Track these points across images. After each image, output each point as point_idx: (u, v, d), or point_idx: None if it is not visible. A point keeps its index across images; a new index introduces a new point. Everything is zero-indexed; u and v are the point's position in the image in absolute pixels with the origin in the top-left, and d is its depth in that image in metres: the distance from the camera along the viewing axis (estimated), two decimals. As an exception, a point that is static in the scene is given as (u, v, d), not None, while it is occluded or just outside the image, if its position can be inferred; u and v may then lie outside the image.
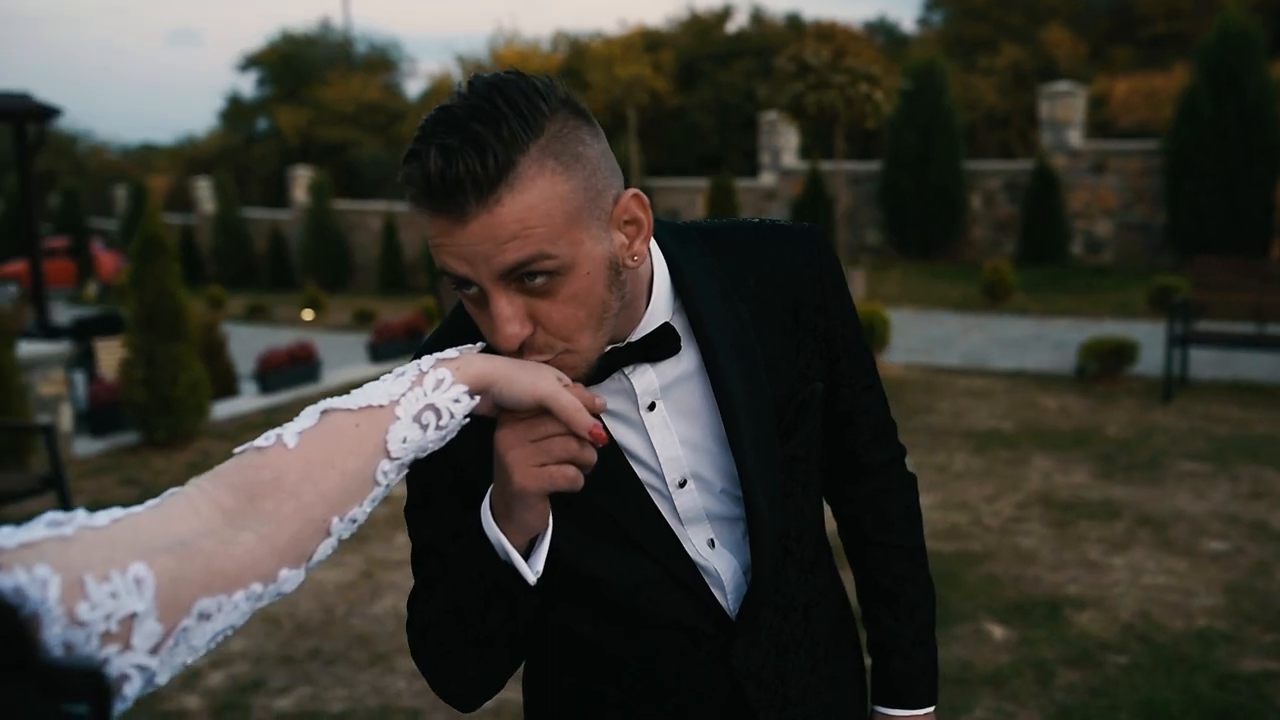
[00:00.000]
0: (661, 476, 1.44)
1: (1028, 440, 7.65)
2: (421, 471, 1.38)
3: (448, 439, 1.17)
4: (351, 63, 32.72)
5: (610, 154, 1.25)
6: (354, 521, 1.13)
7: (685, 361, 1.42)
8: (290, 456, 1.11)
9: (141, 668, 0.99)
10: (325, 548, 1.12)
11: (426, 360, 1.18)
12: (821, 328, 1.50)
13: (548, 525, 1.27)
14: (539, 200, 1.15)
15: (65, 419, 7.79)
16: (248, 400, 9.88)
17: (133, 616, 0.97)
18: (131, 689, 0.99)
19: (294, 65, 31.84)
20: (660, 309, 1.39)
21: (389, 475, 1.15)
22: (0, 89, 14.88)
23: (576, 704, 1.58)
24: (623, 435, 1.42)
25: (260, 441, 1.11)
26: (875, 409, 1.64)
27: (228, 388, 10.19)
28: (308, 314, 18.34)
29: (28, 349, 7.53)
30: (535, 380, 1.17)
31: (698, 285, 1.43)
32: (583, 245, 1.19)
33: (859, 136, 19.51)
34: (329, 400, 1.15)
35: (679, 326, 1.41)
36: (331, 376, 10.95)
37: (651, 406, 1.42)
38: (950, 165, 18.29)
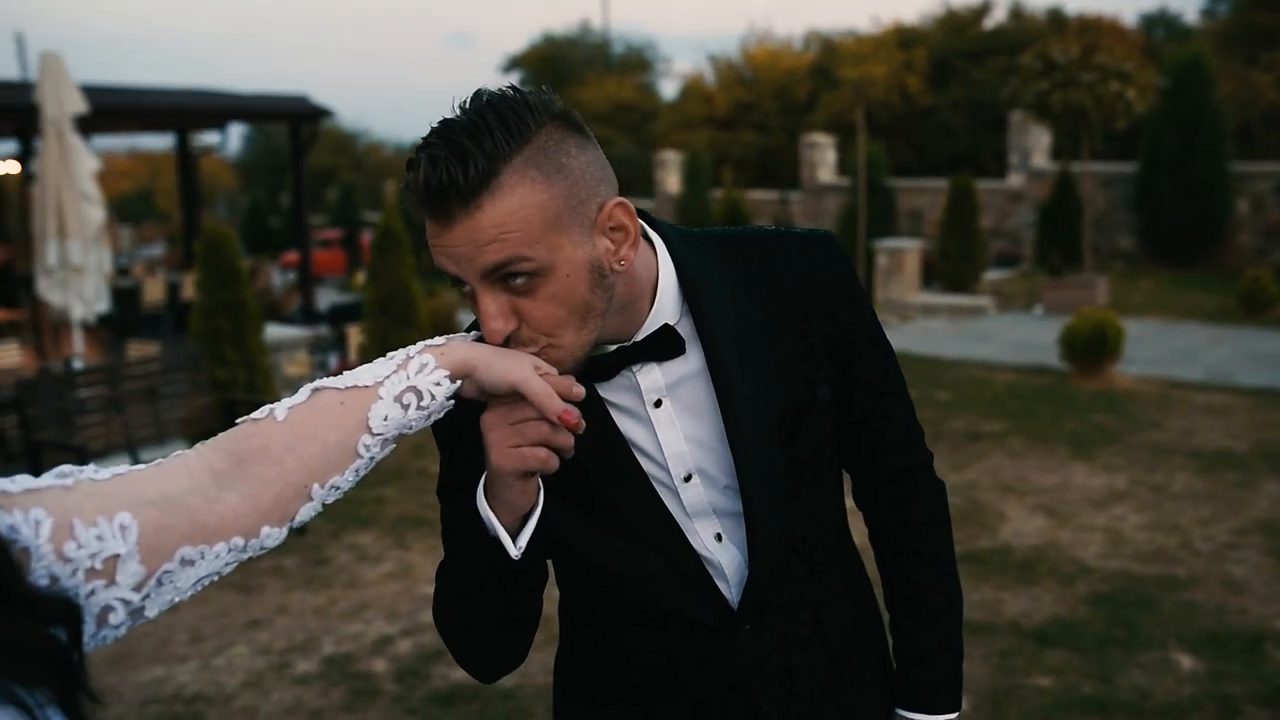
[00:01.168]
0: (668, 471, 1.50)
1: (1260, 463, 7.17)
2: (451, 456, 1.52)
3: (432, 418, 1.28)
4: (608, 63, 33.55)
5: (601, 164, 1.32)
6: (336, 489, 1.25)
7: (691, 361, 1.48)
8: (278, 428, 1.23)
9: (125, 601, 1.13)
10: (307, 510, 1.24)
11: (415, 346, 1.28)
12: (831, 334, 1.54)
13: (536, 505, 1.36)
14: (517, 207, 1.25)
15: (306, 399, 8.42)
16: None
17: (116, 557, 1.11)
18: (116, 618, 1.13)
19: (553, 66, 32.94)
20: (665, 311, 1.46)
21: (371, 449, 1.25)
22: (280, 91, 16.01)
23: (593, 693, 1.65)
24: (631, 430, 1.49)
25: (255, 414, 1.24)
26: (896, 415, 1.65)
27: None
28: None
29: (275, 332, 8.19)
30: (511, 367, 1.27)
31: (706, 290, 1.48)
32: (562, 250, 1.28)
33: (1118, 137, 18.57)
34: (321, 380, 1.27)
35: (686, 329, 1.47)
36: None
37: (658, 404, 1.49)
38: (1215, 166, 17.15)
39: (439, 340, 1.31)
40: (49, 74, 10.91)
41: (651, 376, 1.48)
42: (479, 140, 1.23)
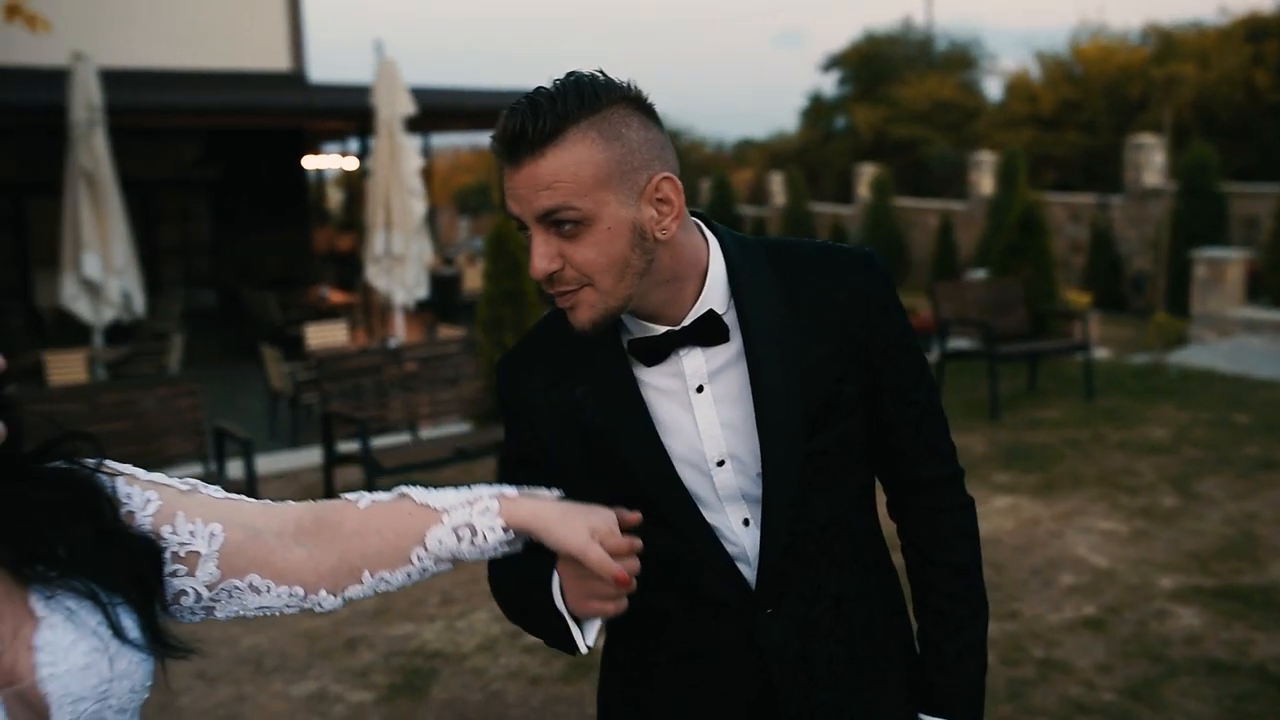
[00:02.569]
0: (703, 455, 1.62)
1: None
2: (517, 430, 1.74)
3: (486, 555, 1.49)
4: (930, 61, 32.81)
5: (660, 144, 1.52)
6: (385, 582, 1.48)
7: (732, 350, 1.62)
8: (356, 513, 1.48)
9: (197, 593, 1.41)
10: (356, 590, 1.48)
11: (490, 490, 1.49)
12: (863, 340, 1.64)
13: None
14: (573, 162, 1.46)
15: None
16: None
17: (198, 554, 1.40)
18: (187, 601, 1.42)
19: (873, 64, 32.53)
20: (713, 298, 1.61)
21: (423, 560, 1.48)
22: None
23: (629, 670, 1.78)
24: (671, 413, 1.63)
25: (350, 495, 1.51)
26: (926, 425, 1.73)
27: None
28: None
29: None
30: (568, 535, 1.44)
31: (751, 286, 1.62)
32: (607, 205, 1.48)
33: None
34: (409, 489, 1.50)
35: (730, 319, 1.61)
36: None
37: (700, 389, 1.62)
38: None
39: (512, 491, 1.49)
40: (384, 79, 11.92)
41: (695, 362, 1.62)
42: (554, 103, 1.46)
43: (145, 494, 1.40)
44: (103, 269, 10.65)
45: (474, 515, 1.47)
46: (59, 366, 9.98)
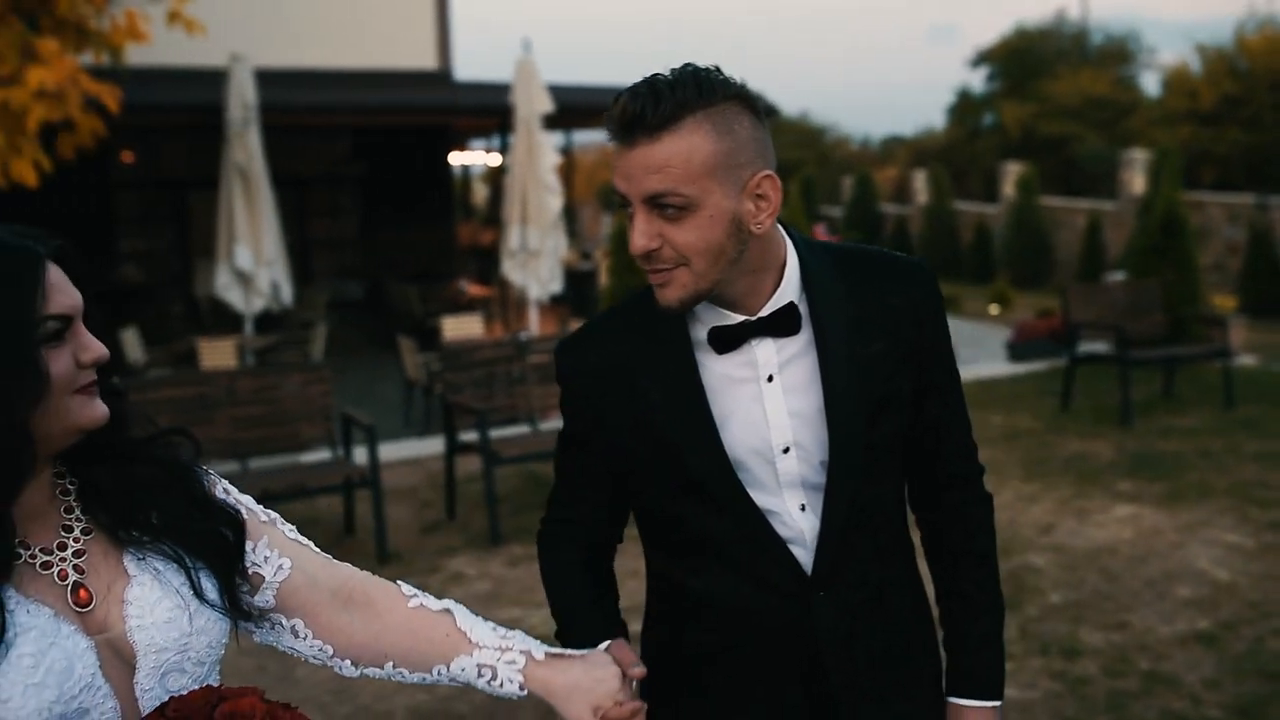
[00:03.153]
0: (769, 442, 1.71)
1: None
2: (575, 411, 1.83)
3: (499, 697, 1.62)
4: (1084, 55, 31.86)
5: (764, 144, 1.61)
6: (402, 675, 1.62)
7: (801, 342, 1.71)
8: (402, 610, 1.62)
9: (257, 610, 1.56)
10: (375, 671, 1.63)
11: (524, 643, 1.61)
12: (915, 341, 1.76)
13: None
14: (686, 149, 1.54)
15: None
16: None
17: (263, 579, 1.55)
18: (246, 618, 1.56)
19: (1024, 59, 31.75)
20: (788, 293, 1.71)
21: (441, 676, 1.62)
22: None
23: (679, 650, 1.85)
24: (742, 401, 1.71)
25: (406, 589, 1.65)
26: (959, 425, 1.86)
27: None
28: (993, 308, 18.50)
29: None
30: (573, 715, 1.59)
31: (821, 284, 1.73)
32: (712, 194, 1.57)
33: None
34: (458, 606, 1.64)
35: (802, 313, 1.71)
36: (962, 372, 11.10)
37: (770, 379, 1.71)
38: None
39: (540, 653, 1.61)
40: (522, 77, 12.18)
41: (766, 352, 1.71)
42: (675, 91, 1.54)
43: (236, 506, 1.57)
44: (254, 260, 11.17)
45: (500, 662, 1.59)
46: (211, 352, 10.50)
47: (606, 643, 1.66)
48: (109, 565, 1.45)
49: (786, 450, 1.72)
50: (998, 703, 1.87)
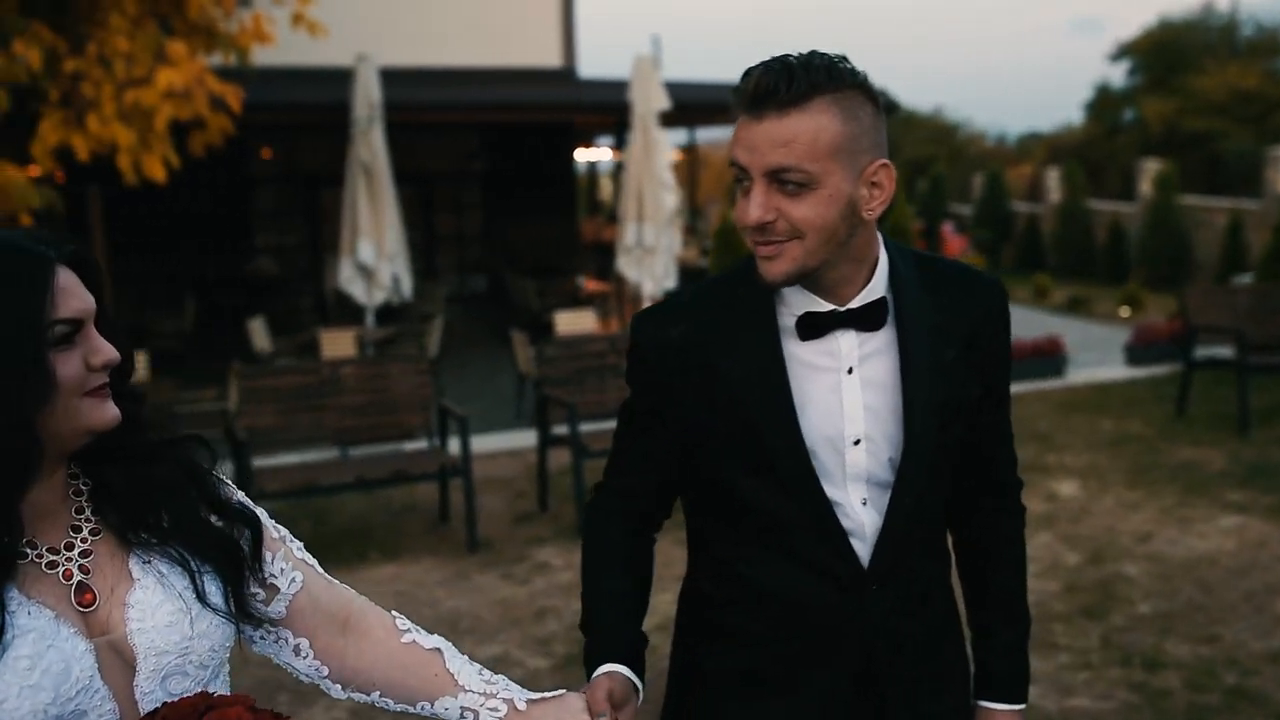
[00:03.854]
0: (842, 433, 1.75)
1: None
2: (642, 385, 1.86)
3: None
4: (1232, 48, 30.60)
5: (882, 133, 1.67)
6: (386, 702, 1.66)
7: (883, 339, 1.76)
8: (394, 644, 1.66)
9: (267, 621, 1.59)
10: (362, 696, 1.66)
11: (509, 691, 1.65)
12: (986, 351, 1.82)
13: None
14: (813, 127, 1.59)
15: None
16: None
17: (277, 590, 1.58)
18: (250, 624, 1.57)
19: (1167, 53, 30.65)
20: (877, 289, 1.75)
21: (424, 711, 1.66)
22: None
23: (719, 636, 1.88)
24: (820, 390, 1.75)
25: (401, 623, 1.68)
26: (1008, 437, 1.94)
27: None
28: (1124, 311, 17.96)
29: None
30: None
31: (907, 287, 1.78)
32: (832, 175, 1.62)
33: None
34: (448, 648, 1.68)
35: (889, 309, 1.76)
36: (1077, 375, 10.86)
37: (850, 371, 1.75)
38: None
39: (522, 701, 1.65)
40: (639, 74, 12.31)
41: (849, 343, 1.75)
42: (808, 71, 1.60)
43: (259, 512, 1.61)
44: (375, 254, 11.52)
45: (483, 707, 1.64)
46: (332, 343, 10.86)
47: (580, 691, 1.71)
48: (114, 567, 1.46)
49: (857, 442, 1.75)
50: (1023, 706, 1.94)
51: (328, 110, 13.16)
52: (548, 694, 1.68)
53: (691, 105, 15.58)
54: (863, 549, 1.77)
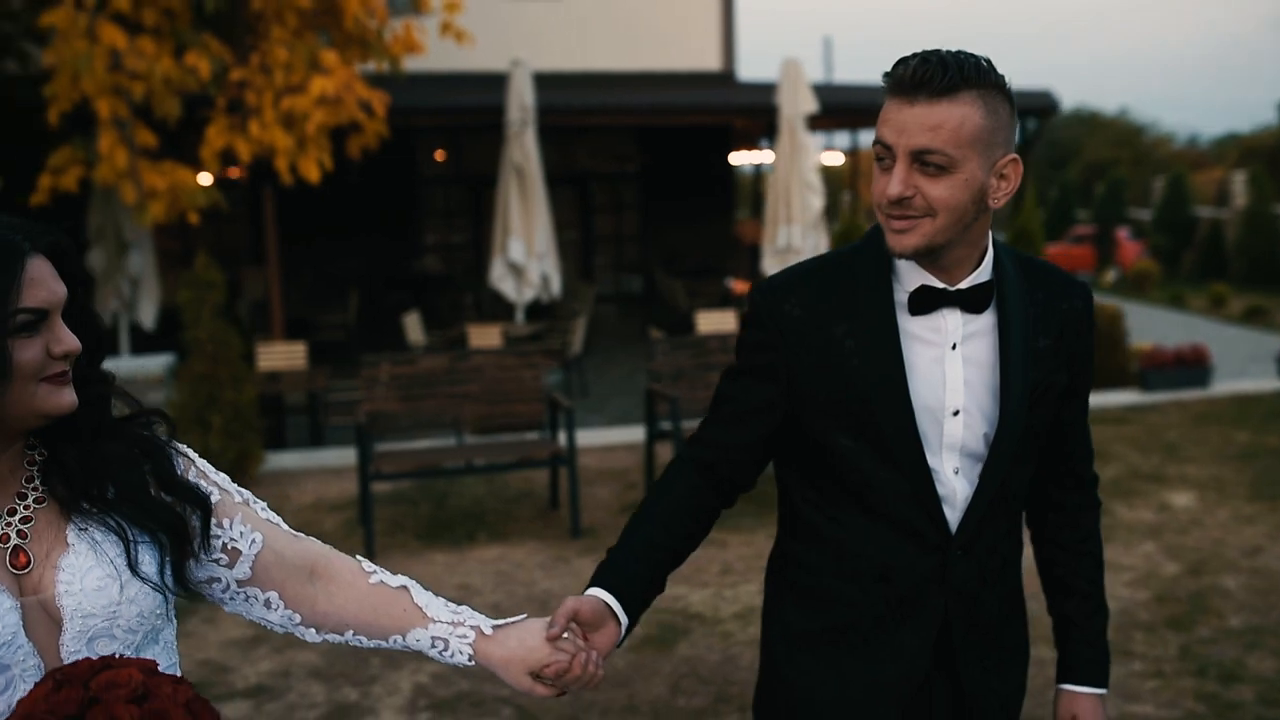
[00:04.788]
0: (943, 403, 1.89)
1: None
2: (752, 352, 1.98)
3: (447, 662, 1.75)
4: None
5: (1014, 131, 1.84)
6: (360, 641, 1.74)
7: (985, 321, 1.91)
8: (363, 585, 1.74)
9: (227, 583, 1.66)
10: (336, 638, 1.74)
11: (475, 619, 1.73)
12: (1073, 347, 1.97)
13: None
14: (960, 116, 1.75)
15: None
16: (1125, 395, 10.06)
17: (239, 552, 1.64)
18: (218, 587, 1.66)
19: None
20: (984, 274, 1.91)
21: (396, 644, 1.74)
22: (1027, 87, 16.23)
23: (806, 596, 2.01)
24: (925, 362, 1.89)
25: (368, 566, 1.75)
26: (1087, 433, 2.09)
27: (1116, 379, 10.39)
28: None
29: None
30: (513, 681, 1.75)
31: (1009, 276, 1.94)
32: (970, 161, 1.77)
33: None
34: (414, 584, 1.75)
35: (993, 294, 1.91)
36: (1222, 386, 10.47)
37: (954, 347, 1.90)
38: None
39: (489, 627, 1.73)
40: (788, 77, 12.43)
41: (955, 322, 1.90)
42: (961, 66, 1.76)
43: (209, 488, 1.65)
44: (525, 253, 11.94)
45: (452, 636, 1.72)
46: (479, 337, 11.33)
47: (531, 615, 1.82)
48: (52, 533, 1.51)
49: (956, 414, 1.89)
50: (1104, 691, 2.08)
51: (487, 113, 13.70)
52: (512, 619, 1.78)
53: (856, 108, 15.55)
54: (952, 515, 1.91)
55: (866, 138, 23.29)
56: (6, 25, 10.23)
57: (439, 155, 16.79)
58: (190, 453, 1.68)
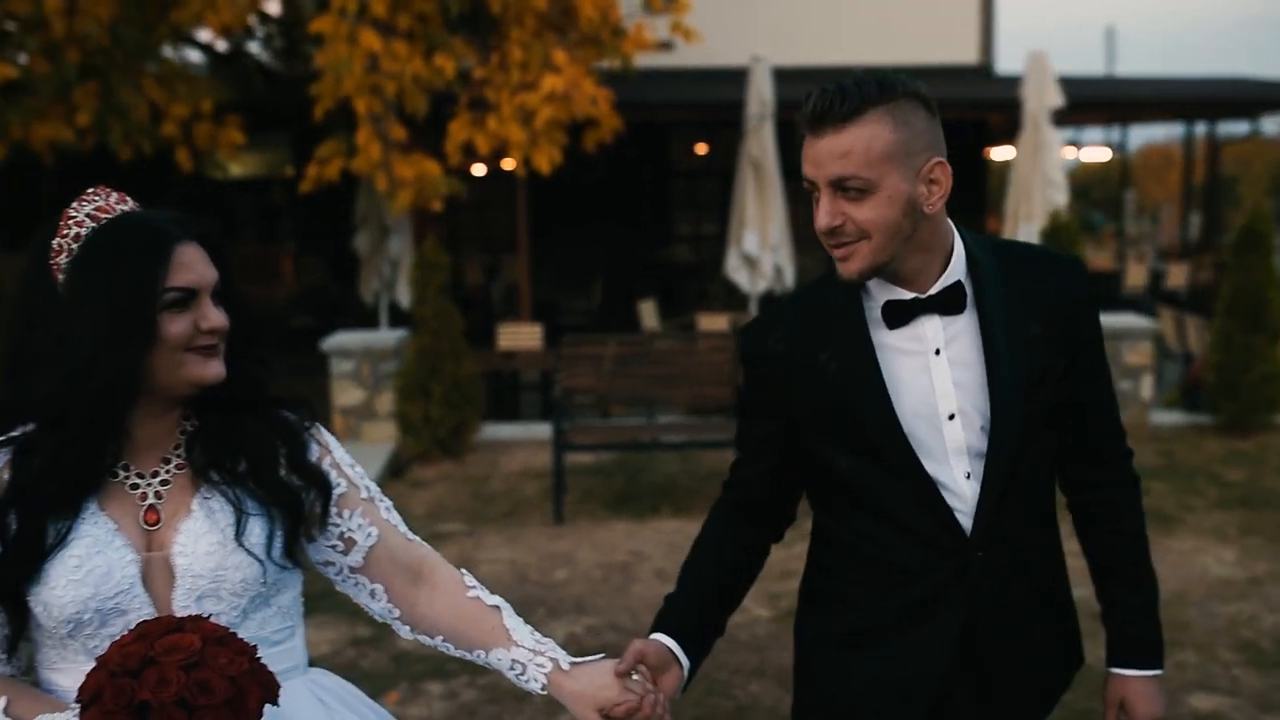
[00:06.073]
0: (936, 409, 1.88)
1: None
2: (752, 391, 2.04)
3: (520, 686, 1.82)
4: None
5: (937, 135, 1.83)
6: (447, 648, 1.83)
7: (965, 321, 1.89)
8: (459, 596, 1.83)
9: (340, 566, 1.78)
10: (426, 639, 1.84)
11: (554, 652, 1.81)
12: (1070, 326, 1.94)
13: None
14: (868, 137, 1.76)
15: (1145, 388, 8.65)
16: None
17: (354, 542, 1.77)
18: (332, 569, 1.79)
19: None
20: (955, 274, 1.90)
21: (479, 659, 1.82)
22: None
23: (831, 603, 2.04)
24: (912, 372, 1.88)
25: (468, 580, 1.85)
26: (1109, 409, 2.03)
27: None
28: None
29: (1112, 320, 8.47)
30: (586, 714, 1.79)
31: (984, 270, 1.92)
32: (889, 177, 1.78)
33: None
34: (506, 607, 1.83)
35: (968, 294, 1.90)
36: None
37: (937, 352, 1.89)
38: None
39: (567, 663, 1.80)
40: (1033, 71, 12.21)
41: (934, 328, 1.89)
42: (860, 88, 1.77)
43: (338, 479, 1.78)
44: (759, 245, 12.23)
45: (531, 662, 1.79)
46: (708, 323, 11.74)
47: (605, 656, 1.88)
48: (181, 498, 1.65)
49: (952, 417, 1.88)
50: (1158, 671, 2.01)
51: (729, 109, 14.04)
52: (589, 658, 1.84)
53: (1130, 102, 14.96)
54: (966, 520, 1.88)
55: (1144, 133, 22.26)
56: (296, 32, 11.39)
57: (700, 149, 17.29)
58: (330, 442, 1.81)
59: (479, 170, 11.29)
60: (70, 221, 1.61)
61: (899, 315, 1.88)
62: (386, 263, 11.93)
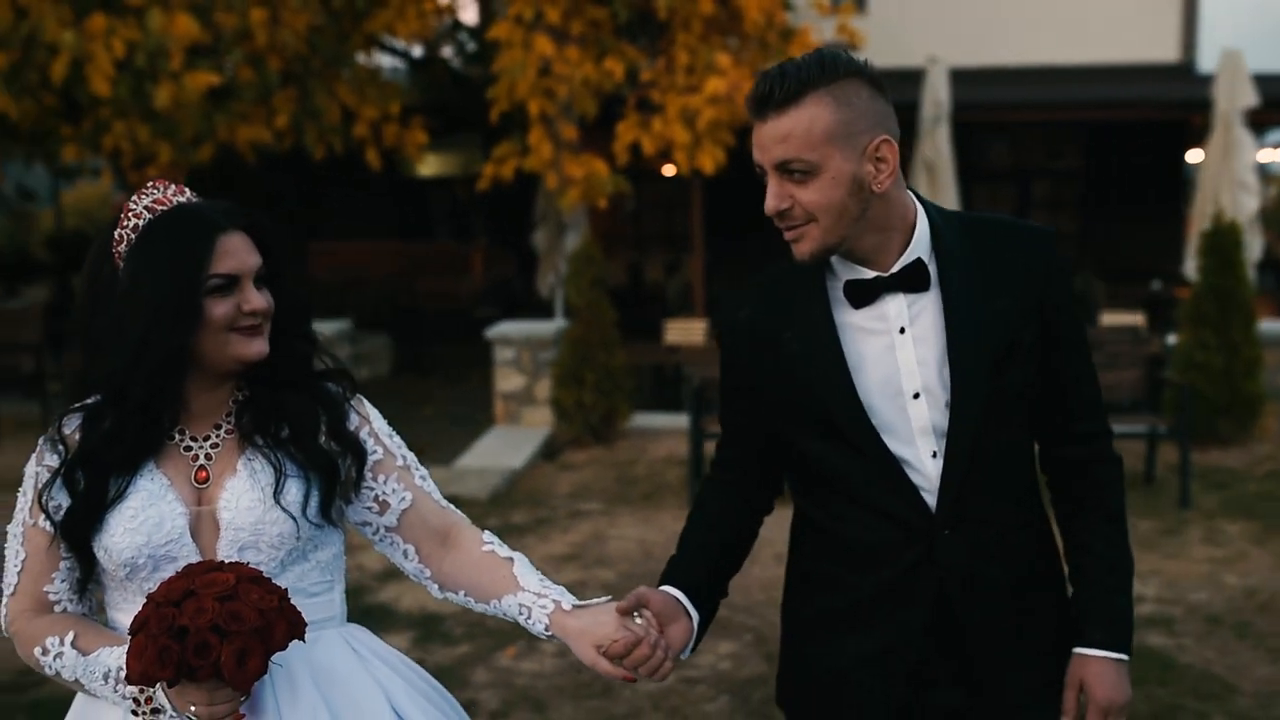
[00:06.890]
0: (900, 388, 1.86)
1: None
2: (727, 367, 2.02)
3: (530, 630, 1.86)
4: None
5: (884, 114, 1.79)
6: (470, 603, 1.89)
7: (930, 297, 1.85)
8: (478, 552, 1.89)
9: (375, 526, 1.88)
10: (453, 596, 1.90)
11: (558, 595, 1.84)
12: (1041, 299, 1.88)
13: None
14: (808, 119, 1.74)
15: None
16: None
17: (387, 504, 1.86)
18: (369, 530, 1.89)
19: None
20: (917, 251, 1.86)
21: (494, 608, 1.87)
22: None
23: (809, 581, 2.03)
24: (876, 351, 1.86)
25: (485, 537, 1.91)
26: (1085, 383, 1.95)
27: None
28: None
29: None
30: (579, 653, 1.84)
31: (948, 245, 1.87)
32: (833, 159, 1.76)
33: None
34: (522, 558, 1.89)
35: (930, 271, 1.86)
36: None
37: (902, 330, 1.86)
38: None
39: (569, 604, 1.84)
40: (1226, 70, 11.84)
41: (898, 306, 1.86)
42: (800, 71, 1.75)
43: (375, 447, 1.88)
44: (931, 247, 12.20)
45: (535, 605, 1.84)
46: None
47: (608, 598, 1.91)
48: (229, 459, 1.76)
49: (917, 396, 1.85)
50: (1124, 656, 1.90)
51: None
52: (594, 601, 1.88)
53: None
54: (931, 498, 1.86)
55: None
56: (486, 38, 12.02)
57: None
58: (370, 413, 1.91)
59: (669, 170, 11.67)
60: (130, 213, 1.73)
61: (862, 295, 1.86)
62: (562, 258, 12.43)
